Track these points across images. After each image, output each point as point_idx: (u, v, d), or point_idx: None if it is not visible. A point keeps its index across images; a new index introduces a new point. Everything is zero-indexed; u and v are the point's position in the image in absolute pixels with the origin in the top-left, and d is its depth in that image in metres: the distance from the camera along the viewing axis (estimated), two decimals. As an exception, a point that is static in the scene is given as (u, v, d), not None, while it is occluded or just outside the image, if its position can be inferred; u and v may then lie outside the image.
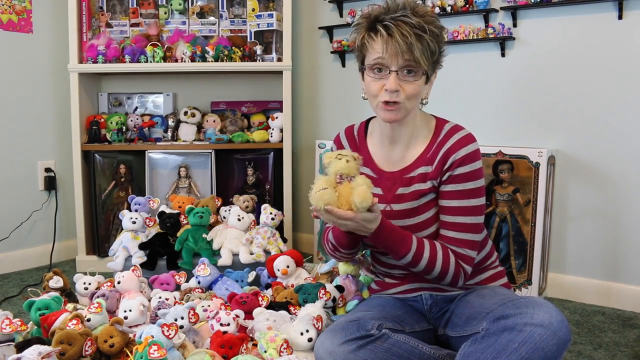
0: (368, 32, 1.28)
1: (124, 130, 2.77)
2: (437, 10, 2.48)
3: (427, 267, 1.29)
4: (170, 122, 2.81)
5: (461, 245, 1.31)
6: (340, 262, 1.70)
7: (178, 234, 2.19)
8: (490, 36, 2.40)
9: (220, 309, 1.59)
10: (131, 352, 1.33)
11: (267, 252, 2.18)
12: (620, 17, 2.15)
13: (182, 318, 1.45)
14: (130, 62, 2.68)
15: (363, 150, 1.45)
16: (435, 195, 1.35)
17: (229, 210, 2.29)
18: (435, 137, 1.36)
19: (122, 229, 2.25)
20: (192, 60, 2.69)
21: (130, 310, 1.56)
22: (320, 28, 2.92)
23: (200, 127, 2.83)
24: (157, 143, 2.76)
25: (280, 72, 2.71)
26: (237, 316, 1.52)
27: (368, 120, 1.49)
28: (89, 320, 1.45)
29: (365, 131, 1.47)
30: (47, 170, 2.87)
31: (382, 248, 1.32)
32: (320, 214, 1.20)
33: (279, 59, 2.75)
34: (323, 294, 1.60)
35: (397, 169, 1.38)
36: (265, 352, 1.36)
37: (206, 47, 2.69)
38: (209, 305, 1.63)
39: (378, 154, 1.42)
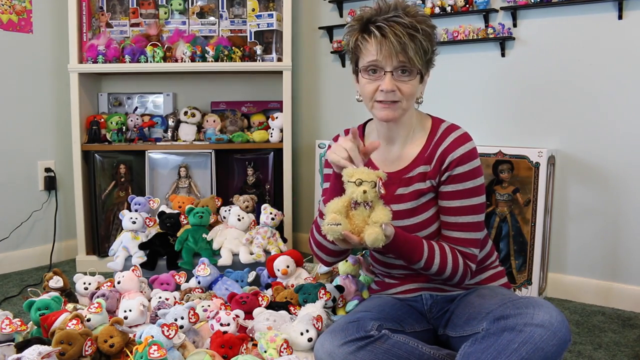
0: (361, 34, 1.29)
1: (124, 130, 2.77)
2: (437, 10, 2.48)
3: (439, 271, 1.30)
4: (170, 122, 2.80)
5: (466, 245, 1.32)
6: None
7: (178, 234, 2.19)
8: (490, 36, 2.40)
9: (220, 309, 1.59)
10: (131, 352, 1.33)
11: (267, 252, 2.18)
12: (620, 17, 2.15)
13: (182, 318, 1.44)
14: (130, 62, 2.68)
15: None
16: (434, 195, 1.35)
17: (229, 210, 2.29)
18: (432, 137, 1.36)
19: (122, 229, 2.25)
20: (192, 60, 2.68)
21: (130, 310, 1.56)
22: (320, 28, 2.92)
23: (200, 127, 2.83)
24: (157, 143, 2.76)
25: (280, 72, 2.71)
26: (237, 316, 1.52)
27: (365, 123, 1.50)
28: (89, 320, 1.45)
29: (362, 133, 1.48)
30: (47, 170, 2.87)
31: (394, 257, 1.33)
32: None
33: (279, 59, 2.75)
34: (323, 294, 1.60)
35: (396, 169, 1.38)
36: (265, 352, 1.36)
37: (206, 47, 2.68)
38: (209, 305, 1.63)
39: (375, 154, 1.42)
